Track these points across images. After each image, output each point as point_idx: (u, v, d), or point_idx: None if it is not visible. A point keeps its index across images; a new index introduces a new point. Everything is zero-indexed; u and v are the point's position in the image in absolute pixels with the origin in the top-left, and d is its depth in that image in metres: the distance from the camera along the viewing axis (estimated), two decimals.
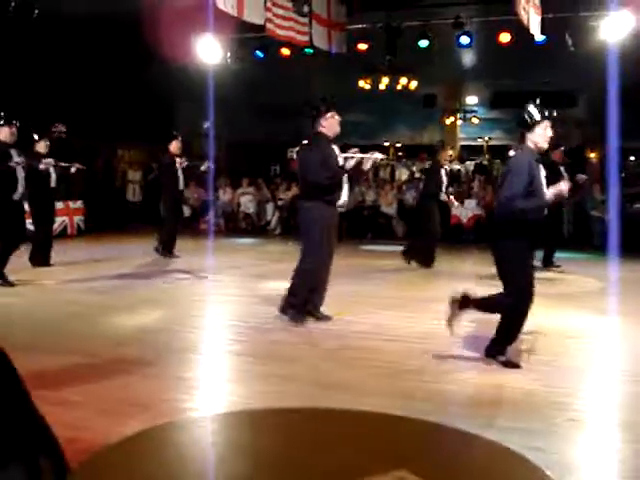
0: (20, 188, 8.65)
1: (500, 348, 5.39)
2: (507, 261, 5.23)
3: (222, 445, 3.89)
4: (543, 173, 5.27)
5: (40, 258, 10.38)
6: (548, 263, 11.09)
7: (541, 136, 5.23)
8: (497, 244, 5.31)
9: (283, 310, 6.94)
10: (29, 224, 9.88)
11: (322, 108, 6.80)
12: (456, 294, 5.65)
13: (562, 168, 10.98)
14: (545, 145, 5.29)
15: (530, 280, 5.25)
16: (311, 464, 3.56)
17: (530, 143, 5.26)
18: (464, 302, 5.57)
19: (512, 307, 5.25)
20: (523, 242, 5.18)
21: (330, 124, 6.80)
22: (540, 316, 7.19)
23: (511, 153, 5.72)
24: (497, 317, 5.40)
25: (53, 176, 10.33)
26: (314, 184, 6.67)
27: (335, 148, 6.85)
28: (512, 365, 5.31)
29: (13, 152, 8.72)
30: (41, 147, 10.34)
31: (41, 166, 9.77)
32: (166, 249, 11.79)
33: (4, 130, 8.69)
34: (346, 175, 6.81)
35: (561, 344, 6.17)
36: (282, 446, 3.84)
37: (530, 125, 5.23)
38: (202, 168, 12.38)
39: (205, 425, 4.20)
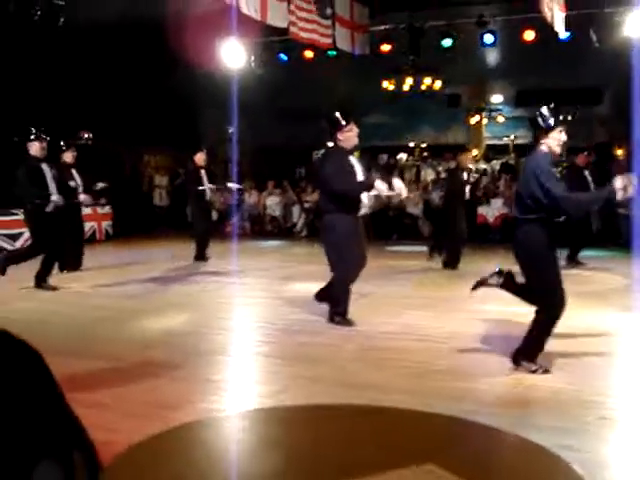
0: (53, 200, 8.78)
1: (530, 354, 5.23)
2: (537, 268, 5.16)
3: (250, 441, 3.92)
4: (558, 176, 5.26)
5: (71, 262, 10.49)
6: (573, 261, 11.02)
7: (555, 140, 5.15)
8: (524, 251, 5.20)
9: (332, 319, 6.93)
10: None
11: (340, 121, 6.75)
12: (504, 270, 5.56)
13: (586, 172, 10.91)
14: (559, 149, 5.22)
15: (560, 285, 5.16)
16: (340, 459, 3.58)
17: (544, 147, 5.19)
18: (507, 283, 5.48)
19: (552, 312, 5.15)
20: (552, 245, 5.14)
21: (347, 137, 6.75)
22: (567, 314, 7.14)
23: None
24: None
25: (80, 185, 10.44)
26: (332, 196, 6.65)
27: (353, 159, 6.84)
28: (544, 371, 5.16)
29: (44, 167, 8.86)
30: (68, 157, 10.48)
31: (81, 197, 10.04)
32: (197, 253, 11.92)
33: (35, 145, 8.83)
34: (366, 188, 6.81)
35: (589, 342, 6.11)
36: (311, 441, 3.86)
37: (545, 130, 5.17)
38: (230, 185, 12.85)
39: (232, 422, 4.23)
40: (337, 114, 6.80)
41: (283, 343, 6.23)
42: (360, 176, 6.79)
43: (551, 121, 5.16)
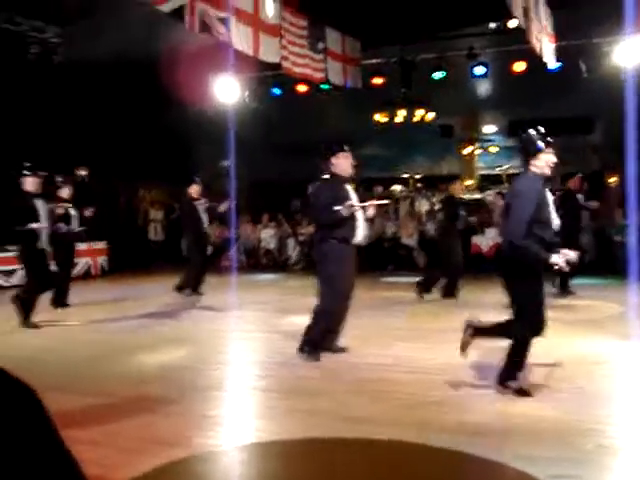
0: (44, 237, 8.77)
1: (511, 374, 5.36)
2: (517, 288, 5.26)
3: (248, 475, 3.89)
4: (551, 198, 5.31)
5: (58, 299, 10.46)
6: (564, 289, 11.05)
7: (545, 162, 5.23)
8: (506, 272, 5.33)
9: (301, 349, 6.91)
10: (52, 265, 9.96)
11: (334, 147, 6.79)
12: (471, 321, 5.73)
13: (580, 196, 10.94)
14: (549, 171, 5.28)
15: (540, 307, 5.26)
16: None
17: (534, 169, 5.26)
18: (477, 330, 5.66)
19: (520, 333, 5.28)
20: (533, 270, 5.20)
21: (341, 164, 6.76)
22: (564, 343, 7.17)
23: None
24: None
25: (74, 219, 10.46)
26: (325, 224, 6.68)
27: (349, 188, 6.83)
28: (524, 393, 5.28)
29: (38, 202, 8.84)
30: (64, 193, 10.50)
31: (60, 225, 9.91)
32: (192, 288, 11.85)
33: (29, 180, 8.83)
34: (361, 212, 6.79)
35: (586, 370, 6.11)
36: (309, 475, 3.83)
37: (534, 152, 5.25)
38: (221, 209, 12.16)
39: (230, 457, 4.20)
40: (334, 142, 6.89)
41: (280, 377, 6.20)
42: (355, 204, 6.75)
43: (540, 144, 5.23)
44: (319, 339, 6.85)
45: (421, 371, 6.23)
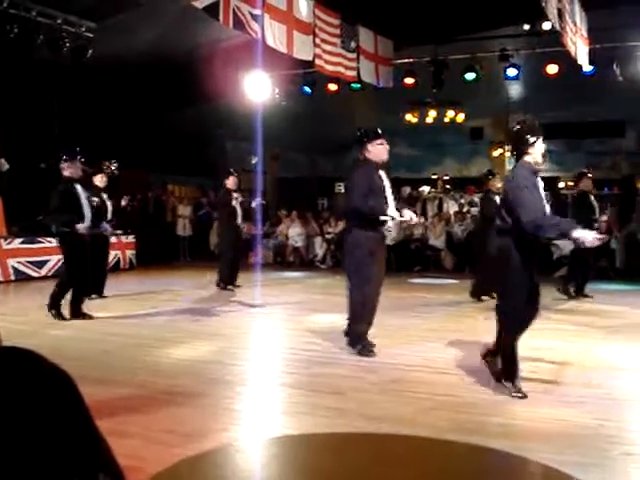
0: (86, 222, 8.80)
1: (509, 376, 5.40)
2: (507, 282, 5.36)
3: (273, 468, 3.92)
4: (542, 185, 5.38)
5: (94, 288, 10.57)
6: (580, 293, 10.99)
7: (539, 150, 5.40)
8: (497, 261, 5.46)
9: (351, 344, 6.95)
10: None
11: (370, 134, 6.85)
12: (483, 351, 5.80)
13: (592, 197, 10.79)
14: (541, 159, 5.43)
15: (527, 302, 5.30)
16: None
17: (529, 158, 5.37)
18: (490, 355, 5.70)
19: (510, 330, 5.37)
20: (525, 260, 5.24)
21: (377, 150, 6.82)
22: (591, 348, 7.13)
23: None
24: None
25: (109, 209, 10.58)
26: (358, 210, 6.69)
27: (382, 174, 6.86)
28: (520, 394, 5.29)
29: (78, 187, 8.91)
30: (98, 180, 10.62)
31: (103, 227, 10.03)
32: (225, 282, 12.02)
33: (68, 166, 8.89)
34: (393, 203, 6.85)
35: (613, 377, 6.05)
36: (338, 467, 3.84)
37: (529, 143, 5.36)
38: (253, 205, 12.63)
39: (256, 449, 4.23)
40: (369, 129, 6.99)
41: (305, 374, 6.22)
42: (388, 192, 6.81)
43: (536, 132, 5.41)
44: (365, 331, 6.89)
45: (446, 372, 6.22)
